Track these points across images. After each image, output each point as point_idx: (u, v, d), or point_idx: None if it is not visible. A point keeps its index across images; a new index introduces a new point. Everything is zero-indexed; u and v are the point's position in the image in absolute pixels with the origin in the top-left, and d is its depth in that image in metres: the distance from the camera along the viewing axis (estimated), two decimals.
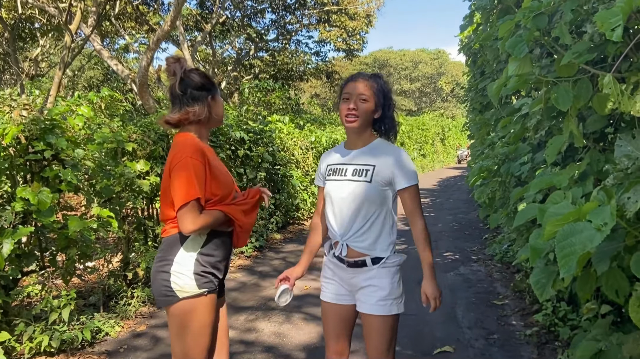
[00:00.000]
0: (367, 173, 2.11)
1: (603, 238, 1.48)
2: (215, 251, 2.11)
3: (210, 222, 2.03)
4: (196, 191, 1.97)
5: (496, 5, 3.86)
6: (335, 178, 2.19)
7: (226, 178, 2.15)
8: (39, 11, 14.37)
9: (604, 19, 1.41)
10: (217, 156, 2.23)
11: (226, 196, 2.11)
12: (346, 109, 2.10)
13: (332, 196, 2.17)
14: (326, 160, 2.30)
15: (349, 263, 2.16)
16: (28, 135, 3.54)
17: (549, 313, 3.80)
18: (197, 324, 2.05)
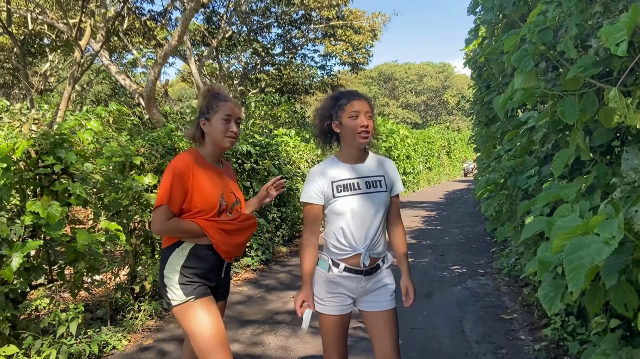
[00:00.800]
0: (381, 183, 2.30)
1: (611, 251, 1.48)
2: (199, 264, 2.27)
3: (179, 229, 2.21)
4: (167, 197, 2.17)
5: (501, 19, 3.89)
6: (349, 193, 2.24)
7: (210, 195, 2.26)
8: (48, 27, 14.57)
9: (609, 34, 1.43)
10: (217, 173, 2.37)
11: (206, 211, 2.24)
12: (359, 126, 2.19)
13: (350, 210, 2.22)
14: (327, 177, 2.27)
15: (367, 271, 2.28)
16: (38, 149, 3.58)
17: (558, 327, 3.77)
18: (196, 326, 2.20)
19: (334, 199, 2.24)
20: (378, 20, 22.53)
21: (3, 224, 3.18)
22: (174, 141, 5.30)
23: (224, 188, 2.36)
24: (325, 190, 2.26)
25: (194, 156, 2.30)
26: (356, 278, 2.28)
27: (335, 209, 2.24)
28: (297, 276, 6.15)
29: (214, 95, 2.37)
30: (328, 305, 2.30)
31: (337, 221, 2.25)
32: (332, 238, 2.29)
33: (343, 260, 2.27)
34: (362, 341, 3.98)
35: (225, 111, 2.30)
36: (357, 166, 2.30)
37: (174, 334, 4.24)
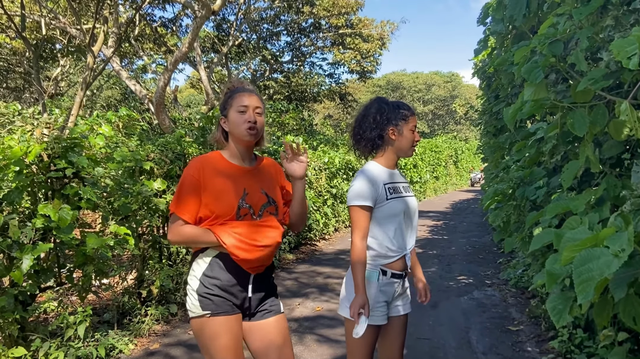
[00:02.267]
0: (410, 189, 2.46)
1: (621, 264, 1.49)
2: (221, 274, 2.06)
3: (192, 237, 2.04)
4: (176, 205, 2.05)
5: (510, 30, 3.90)
6: (398, 196, 2.33)
7: (225, 198, 2.06)
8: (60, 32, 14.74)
9: (620, 48, 1.44)
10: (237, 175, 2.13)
11: (223, 215, 2.04)
12: (415, 141, 2.37)
13: (400, 213, 2.30)
14: (380, 180, 2.30)
15: (404, 274, 2.38)
16: (50, 153, 3.62)
17: (565, 340, 3.74)
18: (209, 343, 2.05)
19: (387, 201, 2.28)
20: (387, 28, 22.60)
21: (14, 227, 3.22)
22: (183, 146, 5.34)
23: (251, 188, 2.13)
24: (379, 193, 2.28)
25: (210, 159, 2.14)
26: (396, 283, 2.34)
27: (390, 211, 2.28)
28: (304, 284, 6.16)
29: (231, 90, 2.20)
30: (376, 315, 2.29)
31: (390, 223, 2.29)
32: (383, 241, 2.28)
33: (389, 265, 2.31)
34: None
35: (240, 102, 2.10)
36: (394, 172, 2.41)
37: (181, 339, 4.25)
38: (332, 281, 6.24)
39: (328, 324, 4.62)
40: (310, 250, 8.59)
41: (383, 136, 2.34)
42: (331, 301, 5.33)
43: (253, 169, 2.20)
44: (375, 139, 2.35)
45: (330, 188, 10.19)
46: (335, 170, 10.57)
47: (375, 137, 2.34)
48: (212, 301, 2.04)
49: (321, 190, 9.68)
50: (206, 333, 2.05)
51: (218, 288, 2.06)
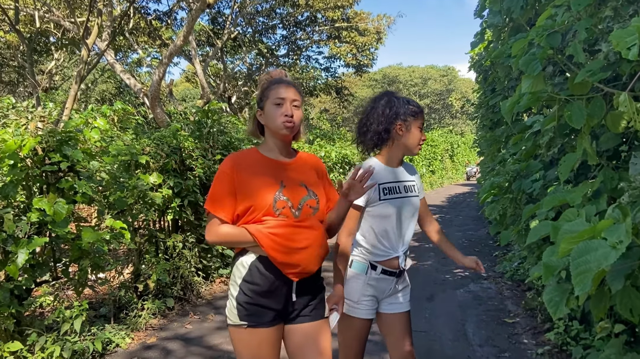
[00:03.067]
0: (414, 188, 2.38)
1: (618, 256, 1.49)
2: (261, 280, 1.93)
3: (228, 236, 1.93)
4: (211, 203, 1.94)
5: (507, 23, 3.89)
6: (393, 196, 2.28)
7: (260, 192, 1.94)
8: (54, 25, 14.62)
9: (620, 38, 1.43)
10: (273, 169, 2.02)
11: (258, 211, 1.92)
12: (421, 139, 2.33)
13: (393, 214, 2.26)
14: (374, 180, 2.21)
15: (399, 273, 2.34)
16: (45, 147, 3.60)
17: (561, 332, 3.76)
18: (244, 354, 1.96)
19: (380, 201, 2.26)
20: (383, 22, 22.54)
21: (9, 221, 3.20)
22: (179, 140, 5.32)
23: (289, 181, 2.00)
24: (371, 193, 2.25)
25: (244, 154, 2.04)
26: (389, 280, 2.32)
27: (381, 212, 2.26)
28: None
29: (269, 82, 2.07)
30: (361, 308, 2.29)
31: (381, 223, 2.27)
32: (372, 240, 2.28)
33: (381, 262, 2.29)
34: None
35: (277, 94, 1.98)
36: (397, 170, 2.36)
37: (178, 333, 4.25)
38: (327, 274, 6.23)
39: None
40: None
41: (390, 130, 2.28)
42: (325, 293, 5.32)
43: (292, 163, 2.08)
44: (381, 133, 2.28)
45: None
46: (331, 164, 10.56)
47: (382, 131, 2.28)
48: (250, 312, 1.93)
49: None
50: (242, 343, 1.95)
51: (258, 295, 1.93)
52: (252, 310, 1.92)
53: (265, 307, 1.94)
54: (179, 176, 5.20)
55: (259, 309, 1.93)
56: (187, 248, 5.18)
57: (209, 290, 5.50)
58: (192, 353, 3.85)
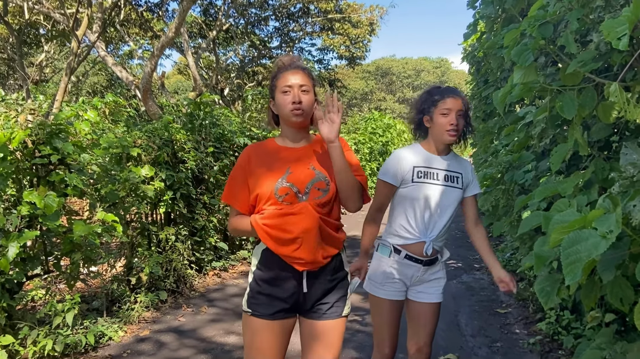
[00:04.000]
0: (458, 180, 2.36)
1: (608, 246, 1.49)
2: (269, 269, 1.94)
3: (237, 227, 2.02)
4: (227, 194, 2.03)
5: (500, 14, 3.88)
6: (427, 181, 2.30)
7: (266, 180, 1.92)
8: (43, 17, 14.47)
9: (610, 28, 1.43)
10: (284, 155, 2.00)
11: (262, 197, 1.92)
12: (449, 124, 2.26)
13: (423, 197, 2.28)
14: (410, 161, 2.32)
15: (427, 261, 2.34)
16: (35, 139, 3.56)
17: (553, 322, 3.79)
18: (246, 340, 2.00)
19: (412, 183, 2.30)
20: (375, 13, 22.46)
21: None
22: (171, 132, 5.29)
23: (297, 166, 1.96)
24: (405, 173, 2.31)
25: (260, 145, 2.06)
26: (415, 267, 2.34)
27: (412, 193, 2.30)
28: None
29: (276, 70, 2.03)
30: (388, 290, 2.36)
31: (410, 205, 2.30)
32: (400, 221, 2.33)
33: (405, 246, 2.33)
34: (358, 334, 4.00)
35: (284, 82, 1.94)
36: (439, 158, 2.35)
37: (171, 325, 4.25)
38: None
39: None
40: None
41: (422, 124, 2.38)
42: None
43: (305, 148, 2.03)
44: (419, 127, 2.41)
45: None
46: None
47: (417, 124, 2.41)
48: (257, 301, 1.95)
49: None
50: (249, 329, 1.98)
51: (267, 284, 1.94)
52: (260, 299, 1.94)
53: (275, 297, 1.93)
54: (171, 168, 5.17)
55: (266, 299, 1.93)
56: (180, 241, 5.17)
57: (202, 283, 5.50)
58: (186, 345, 3.85)
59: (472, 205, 2.46)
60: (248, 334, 1.98)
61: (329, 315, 1.99)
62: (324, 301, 1.99)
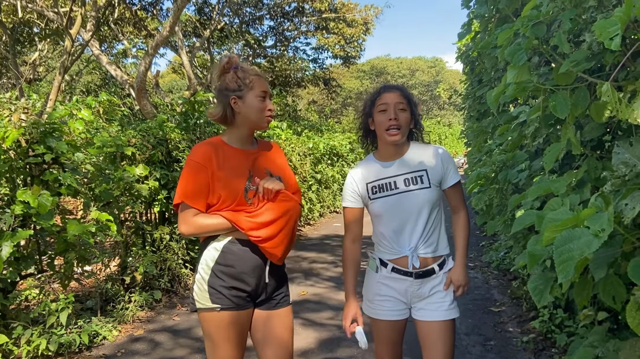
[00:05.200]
0: (422, 179, 2.09)
1: (601, 244, 1.51)
2: (234, 261, 1.99)
3: (206, 225, 1.96)
4: (185, 194, 1.95)
5: (494, 14, 3.90)
6: (385, 194, 2.09)
7: (233, 183, 1.99)
8: (37, 15, 14.39)
9: (603, 28, 1.44)
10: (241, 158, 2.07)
11: (229, 199, 1.97)
12: (387, 120, 2.04)
13: (389, 212, 2.08)
14: (363, 179, 2.15)
15: (417, 274, 2.09)
16: (28, 138, 3.55)
17: (546, 320, 3.81)
18: (214, 337, 2.01)
19: (370, 201, 2.13)
20: (370, 12, 22.49)
21: None
22: (165, 131, 5.28)
23: (255, 170, 2.07)
24: (361, 192, 2.15)
25: (213, 144, 2.04)
26: (405, 280, 2.11)
27: (373, 211, 2.14)
28: (288, 269, 6.12)
29: (241, 69, 2.07)
30: (378, 309, 2.15)
31: (377, 223, 2.15)
32: (377, 238, 2.17)
33: (391, 260, 2.12)
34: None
35: (261, 87, 2.04)
36: (394, 163, 2.12)
37: (165, 325, 4.24)
38: (317, 266, 6.26)
39: (313, 308, 4.64)
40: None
41: (368, 129, 2.18)
42: (316, 285, 5.35)
43: (256, 152, 2.13)
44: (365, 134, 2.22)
45: (315, 174, 10.18)
46: (319, 155, 10.56)
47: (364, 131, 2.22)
48: (223, 295, 1.98)
49: (306, 176, 9.67)
50: (213, 325, 2.00)
51: (231, 278, 1.98)
52: (224, 293, 1.98)
53: (239, 289, 2.00)
54: (165, 167, 5.17)
55: (231, 292, 1.99)
56: (174, 240, 5.16)
57: None
58: (180, 344, 3.85)
59: (452, 195, 2.19)
60: (214, 329, 2.00)
61: (281, 304, 2.16)
62: (279, 292, 2.16)
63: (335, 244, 7.83)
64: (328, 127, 15.76)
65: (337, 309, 4.59)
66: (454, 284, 2.14)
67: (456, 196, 2.20)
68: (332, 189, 11.11)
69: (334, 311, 4.55)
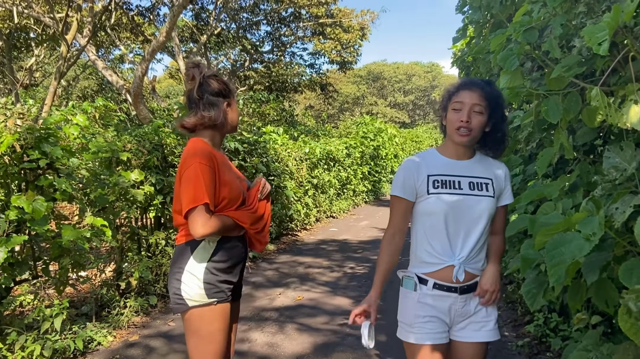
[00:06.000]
0: (488, 187, 1.93)
1: (592, 247, 1.52)
2: (227, 256, 2.12)
3: (220, 227, 2.02)
4: (204, 195, 1.97)
5: (489, 19, 3.93)
6: (447, 191, 1.89)
7: (235, 183, 2.13)
8: (34, 21, 14.39)
9: (591, 34, 1.46)
10: (228, 161, 2.25)
11: (234, 199, 2.10)
12: (458, 120, 1.88)
13: (447, 211, 1.88)
14: (423, 169, 1.94)
15: (462, 289, 1.90)
16: (23, 144, 3.55)
17: (541, 324, 3.82)
18: (207, 332, 2.07)
19: (428, 195, 1.90)
20: (367, 17, 22.58)
21: None
22: (161, 137, 5.28)
23: (237, 173, 2.27)
24: (419, 184, 1.93)
25: (208, 147, 2.10)
26: (449, 297, 1.90)
27: (429, 207, 1.91)
28: (285, 274, 6.16)
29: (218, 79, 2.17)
30: (419, 332, 1.91)
31: (429, 222, 1.92)
32: (421, 244, 1.95)
33: (432, 274, 1.91)
34: (348, 338, 4.00)
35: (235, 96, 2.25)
36: (460, 163, 1.96)
37: (161, 330, 4.23)
38: (313, 271, 6.25)
39: (309, 313, 4.63)
40: (291, 240, 8.60)
41: (443, 124, 2.02)
42: (312, 290, 5.34)
43: (226, 156, 2.31)
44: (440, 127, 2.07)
45: (312, 178, 10.19)
46: (316, 160, 10.56)
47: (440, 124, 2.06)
48: (220, 289, 2.08)
49: (302, 180, 9.67)
50: (205, 320, 2.07)
51: (223, 272, 2.10)
52: (220, 288, 2.09)
53: (228, 282, 2.14)
54: (161, 172, 5.16)
55: (225, 285, 2.11)
56: (170, 245, 5.15)
57: None
58: (175, 350, 3.84)
59: (499, 215, 2.01)
60: (216, 323, 2.08)
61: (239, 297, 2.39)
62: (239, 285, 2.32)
63: (331, 249, 7.82)
64: (325, 132, 15.77)
65: (333, 314, 4.58)
66: (482, 288, 1.93)
67: (501, 218, 2.04)
68: (329, 194, 11.11)
69: (330, 316, 4.54)
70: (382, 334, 4.03)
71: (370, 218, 11.48)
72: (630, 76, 1.57)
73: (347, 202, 12.60)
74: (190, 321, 2.09)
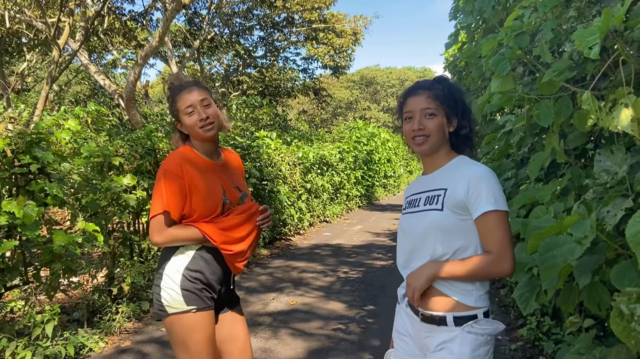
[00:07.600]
0: (438, 199, 1.66)
1: (584, 251, 1.52)
2: (204, 268, 2.06)
3: (180, 237, 2.02)
4: (164, 204, 1.97)
5: (480, 24, 3.95)
6: (409, 211, 1.78)
7: (210, 195, 2.06)
8: (25, 26, 14.33)
9: (582, 38, 1.47)
10: (218, 169, 2.17)
11: (210, 209, 2.05)
12: (411, 130, 1.70)
13: (400, 232, 1.79)
14: (407, 191, 1.89)
15: (424, 316, 1.66)
16: (14, 148, 3.52)
17: (534, 328, 3.82)
18: (189, 340, 2.03)
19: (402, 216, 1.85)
20: (359, 23, 22.68)
21: None
22: (153, 141, 5.26)
23: (226, 184, 2.14)
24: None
25: (185, 154, 2.08)
26: (415, 320, 1.71)
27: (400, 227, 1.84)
28: (278, 278, 6.14)
29: (171, 91, 2.14)
30: (396, 347, 1.83)
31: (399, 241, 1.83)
32: None
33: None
34: (342, 342, 3.99)
35: (184, 104, 2.06)
36: (426, 177, 1.80)
37: (153, 336, 4.20)
38: (306, 276, 6.24)
39: (302, 318, 4.62)
40: (284, 245, 8.58)
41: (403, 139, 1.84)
42: (306, 295, 5.33)
43: (223, 165, 2.21)
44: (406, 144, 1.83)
45: (305, 183, 10.19)
46: (309, 165, 10.56)
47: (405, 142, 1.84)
48: (198, 296, 2.04)
49: (295, 185, 9.67)
50: (185, 328, 2.03)
51: (201, 282, 2.05)
52: (200, 295, 2.04)
53: (208, 291, 2.08)
54: (153, 177, 5.14)
55: (204, 294, 2.06)
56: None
57: None
58: (168, 355, 3.81)
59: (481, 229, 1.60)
60: (198, 331, 2.03)
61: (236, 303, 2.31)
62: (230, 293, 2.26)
63: (325, 254, 7.81)
64: (318, 136, 15.78)
65: (327, 319, 4.57)
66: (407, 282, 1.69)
67: (486, 232, 1.59)
68: (322, 199, 11.11)
69: (324, 321, 4.53)
70: (376, 339, 4.02)
71: (363, 223, 11.48)
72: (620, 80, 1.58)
73: (341, 206, 12.60)
74: (172, 329, 2.06)
